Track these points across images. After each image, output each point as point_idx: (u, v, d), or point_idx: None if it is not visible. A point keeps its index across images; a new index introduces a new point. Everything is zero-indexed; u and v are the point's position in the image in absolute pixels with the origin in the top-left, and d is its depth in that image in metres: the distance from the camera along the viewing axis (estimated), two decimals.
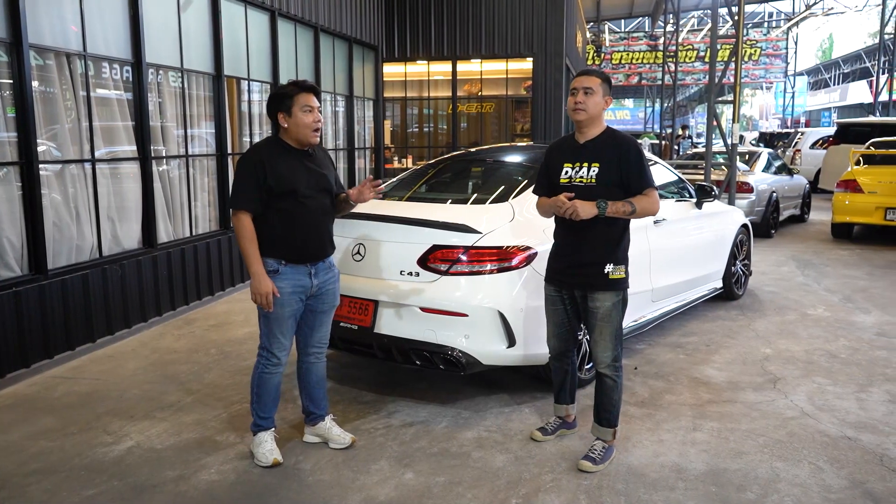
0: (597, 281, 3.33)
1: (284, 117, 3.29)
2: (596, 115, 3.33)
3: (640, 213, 3.27)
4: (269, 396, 3.47)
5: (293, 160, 3.32)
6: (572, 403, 3.76)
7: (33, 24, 4.77)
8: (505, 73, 12.96)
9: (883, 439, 3.69)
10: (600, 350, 3.41)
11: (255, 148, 3.38)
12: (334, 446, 3.61)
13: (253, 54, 7.73)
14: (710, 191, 5.93)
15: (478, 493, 3.16)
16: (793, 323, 5.91)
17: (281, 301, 3.30)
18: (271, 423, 3.52)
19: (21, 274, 4.79)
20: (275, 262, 3.30)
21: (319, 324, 3.55)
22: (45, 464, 3.47)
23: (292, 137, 3.33)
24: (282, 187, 3.24)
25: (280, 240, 3.30)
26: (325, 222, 3.44)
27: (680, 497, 3.12)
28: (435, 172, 5.26)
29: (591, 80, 3.34)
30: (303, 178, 3.31)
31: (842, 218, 9.99)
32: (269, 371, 3.43)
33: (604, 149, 3.32)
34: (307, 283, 3.38)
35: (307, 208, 3.31)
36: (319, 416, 3.67)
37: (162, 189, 6.25)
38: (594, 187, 3.28)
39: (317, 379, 3.64)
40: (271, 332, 3.37)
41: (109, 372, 4.79)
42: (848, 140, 14.24)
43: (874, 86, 24.59)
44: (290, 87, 3.32)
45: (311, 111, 3.29)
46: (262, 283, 3.23)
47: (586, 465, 3.37)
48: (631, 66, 32.12)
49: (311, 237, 3.35)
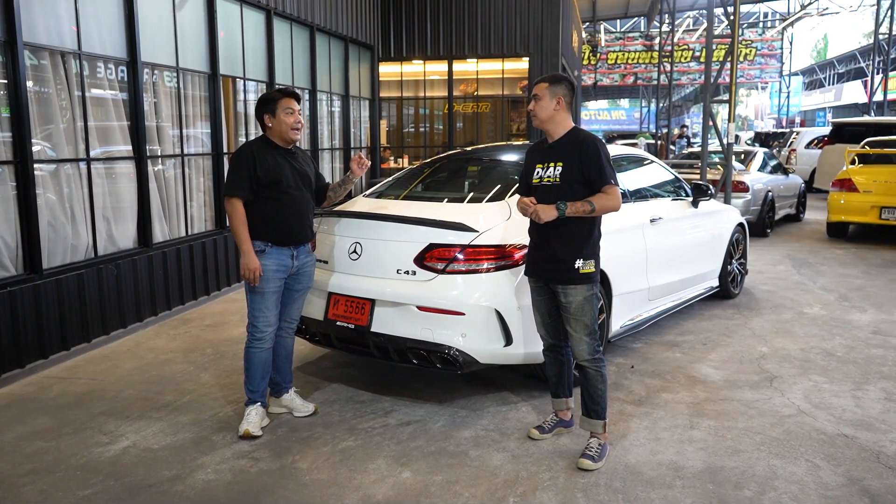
0: (568, 276, 3.41)
1: (270, 118, 3.80)
2: (548, 118, 3.49)
3: (600, 210, 3.37)
4: (257, 371, 3.83)
5: (279, 157, 3.81)
6: (570, 397, 3.78)
7: (28, 22, 4.75)
8: (501, 73, 12.96)
9: (879, 437, 3.70)
10: (576, 343, 3.49)
11: (248, 144, 3.87)
12: (298, 414, 4.01)
13: (249, 53, 7.72)
14: (707, 190, 5.94)
15: (475, 492, 3.16)
16: (789, 321, 5.92)
17: (266, 278, 3.74)
18: (259, 396, 3.87)
19: (16, 273, 4.77)
20: (262, 244, 3.75)
21: (293, 301, 3.98)
22: (41, 464, 3.45)
23: (276, 135, 3.82)
24: (269, 178, 3.72)
25: (268, 224, 3.75)
26: (307, 212, 3.91)
27: (677, 495, 3.12)
28: (431, 171, 5.25)
29: (538, 86, 3.52)
30: (287, 172, 3.80)
31: (837, 217, 10.01)
32: (254, 346, 3.81)
33: (567, 148, 3.46)
34: (289, 263, 3.83)
35: (291, 198, 3.79)
36: (285, 388, 4.06)
37: (157, 189, 6.23)
38: (559, 186, 3.41)
39: (286, 353, 4.03)
40: (258, 307, 3.79)
41: (105, 372, 4.77)
42: (843, 140, 14.26)
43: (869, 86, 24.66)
44: (275, 92, 3.87)
45: (292, 113, 3.81)
46: (251, 260, 3.68)
47: (586, 463, 3.37)
48: (627, 66, 32.18)
49: (294, 223, 3.82)
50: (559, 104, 3.46)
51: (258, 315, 3.79)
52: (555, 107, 3.46)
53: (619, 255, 4.59)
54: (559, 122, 3.49)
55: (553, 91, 3.46)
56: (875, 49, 23.31)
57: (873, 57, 23.39)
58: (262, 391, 3.88)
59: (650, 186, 5.59)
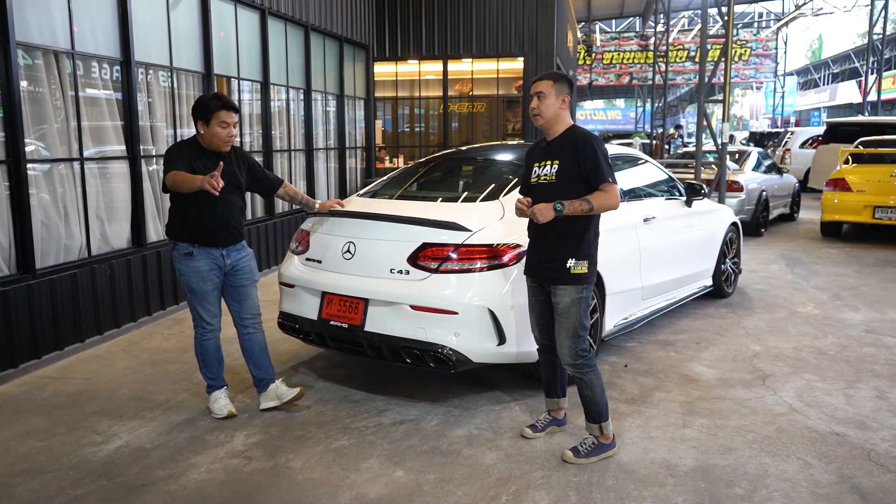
0: (559, 275, 3.38)
1: (203, 125, 3.77)
2: (552, 117, 3.42)
3: (599, 208, 3.31)
4: (213, 359, 4.01)
5: (208, 161, 3.77)
6: (563, 397, 3.77)
7: (21, 21, 4.74)
8: (496, 73, 12.96)
9: (871, 435, 3.72)
10: (558, 346, 3.45)
11: (179, 146, 3.87)
12: (285, 400, 4.04)
13: (243, 53, 7.71)
14: (700, 189, 5.95)
15: (468, 491, 3.17)
16: (782, 320, 5.94)
17: (202, 277, 3.84)
18: (221, 381, 4.07)
19: (9, 273, 4.76)
20: (189, 246, 3.81)
21: (244, 296, 4.02)
22: (33, 464, 3.45)
23: (207, 143, 3.81)
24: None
25: (192, 227, 3.79)
26: (234, 213, 3.91)
27: (669, 493, 3.13)
28: (425, 171, 5.26)
29: (543, 83, 3.43)
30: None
31: (831, 216, 10.05)
32: (206, 337, 3.96)
33: (563, 146, 3.41)
34: (221, 262, 3.89)
35: (216, 200, 3.72)
36: (269, 380, 4.09)
37: (151, 188, 6.22)
38: (555, 184, 3.37)
39: (259, 348, 4.08)
40: (200, 303, 3.90)
41: (98, 372, 4.76)
42: (837, 139, 14.32)
43: (863, 86, 24.72)
44: (214, 101, 3.77)
45: (226, 127, 3.77)
46: (203, 180, 3.50)
47: (568, 454, 3.41)
48: (622, 66, 32.20)
49: (218, 226, 3.83)
50: (564, 102, 3.41)
51: (202, 310, 3.91)
52: (560, 105, 3.40)
53: (613, 254, 4.60)
54: (561, 120, 3.44)
55: (559, 89, 3.40)
56: (869, 49, 23.39)
57: (868, 57, 23.46)
58: (221, 376, 4.06)
59: (644, 186, 5.60)
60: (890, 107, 33.25)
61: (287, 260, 4.64)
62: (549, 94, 3.39)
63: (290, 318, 4.47)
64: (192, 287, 3.86)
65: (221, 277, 3.92)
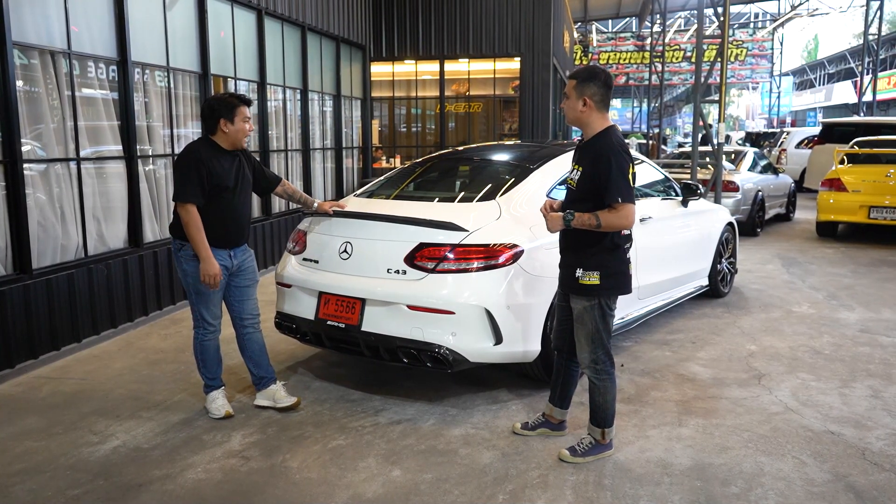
0: (570, 283, 3.38)
1: (227, 123, 3.78)
2: (574, 119, 3.34)
3: (606, 227, 3.18)
4: (213, 359, 4.02)
5: (225, 162, 3.82)
6: (564, 409, 3.73)
7: (17, 21, 4.73)
8: (493, 73, 12.97)
9: (865, 433, 3.73)
10: (578, 350, 3.46)
11: (194, 148, 3.81)
12: (280, 405, 4.05)
13: (240, 53, 7.71)
14: (696, 189, 5.97)
15: (465, 490, 3.17)
16: (778, 320, 5.96)
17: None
18: (219, 382, 4.08)
19: (5, 274, 4.75)
20: None
21: (245, 297, 4.06)
22: (30, 464, 3.45)
23: (228, 141, 3.82)
24: (216, 184, 3.75)
25: (208, 228, 3.76)
26: (246, 214, 3.99)
27: (665, 492, 3.15)
28: (422, 171, 5.26)
29: (569, 82, 3.34)
30: (233, 176, 3.84)
31: (826, 216, 10.08)
32: (207, 338, 3.98)
33: (588, 153, 3.31)
34: (228, 262, 3.90)
35: (233, 203, 3.84)
36: (270, 380, 4.13)
37: (148, 188, 6.22)
38: (575, 191, 3.35)
39: (258, 347, 4.11)
40: (204, 304, 3.91)
41: (95, 372, 4.76)
42: (833, 139, 14.35)
43: (859, 86, 24.80)
44: (233, 98, 3.83)
45: (247, 120, 3.84)
46: (212, 266, 3.73)
47: (564, 453, 3.43)
48: (618, 67, 32.25)
49: (232, 227, 3.88)
50: (586, 105, 3.26)
51: (205, 311, 3.93)
52: (581, 108, 3.27)
53: None
54: (588, 122, 3.30)
55: (580, 90, 3.26)
56: (865, 49, 23.45)
57: (863, 57, 23.51)
58: (220, 376, 4.08)
59: (640, 186, 5.61)
60: (885, 107, 33.36)
61: (284, 260, 4.64)
62: (571, 95, 3.29)
63: (287, 318, 4.47)
64: (199, 288, 3.85)
65: (227, 278, 3.94)
